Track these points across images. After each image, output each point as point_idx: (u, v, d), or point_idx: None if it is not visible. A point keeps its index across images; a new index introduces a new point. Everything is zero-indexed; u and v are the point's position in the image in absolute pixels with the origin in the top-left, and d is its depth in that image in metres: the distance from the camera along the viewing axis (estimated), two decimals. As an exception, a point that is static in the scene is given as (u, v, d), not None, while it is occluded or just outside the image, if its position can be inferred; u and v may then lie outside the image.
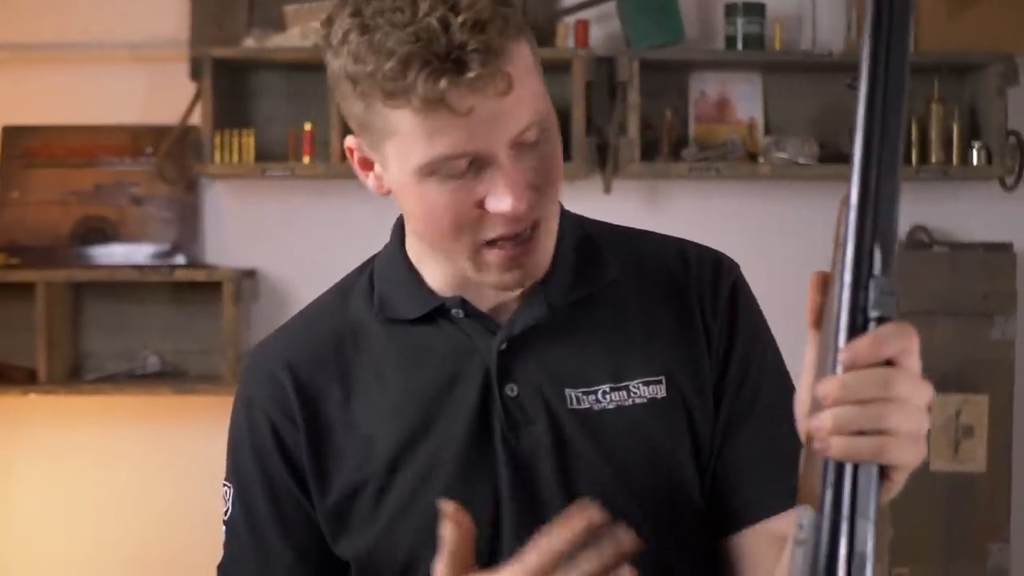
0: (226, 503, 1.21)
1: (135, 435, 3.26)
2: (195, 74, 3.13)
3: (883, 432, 0.76)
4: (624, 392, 1.15)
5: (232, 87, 3.20)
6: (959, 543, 3.10)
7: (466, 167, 1.03)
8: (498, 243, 1.07)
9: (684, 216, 3.26)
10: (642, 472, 1.14)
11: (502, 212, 1.03)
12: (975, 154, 3.16)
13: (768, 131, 3.23)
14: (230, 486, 1.20)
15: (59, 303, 3.16)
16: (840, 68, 3.19)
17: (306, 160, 3.13)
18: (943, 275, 3.09)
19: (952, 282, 3.09)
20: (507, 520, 1.12)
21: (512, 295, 1.15)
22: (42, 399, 3.18)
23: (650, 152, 3.14)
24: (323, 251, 3.19)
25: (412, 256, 1.19)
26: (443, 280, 1.16)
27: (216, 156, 3.10)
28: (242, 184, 3.27)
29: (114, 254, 3.24)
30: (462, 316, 1.15)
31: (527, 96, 1.03)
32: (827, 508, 0.76)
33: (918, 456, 0.78)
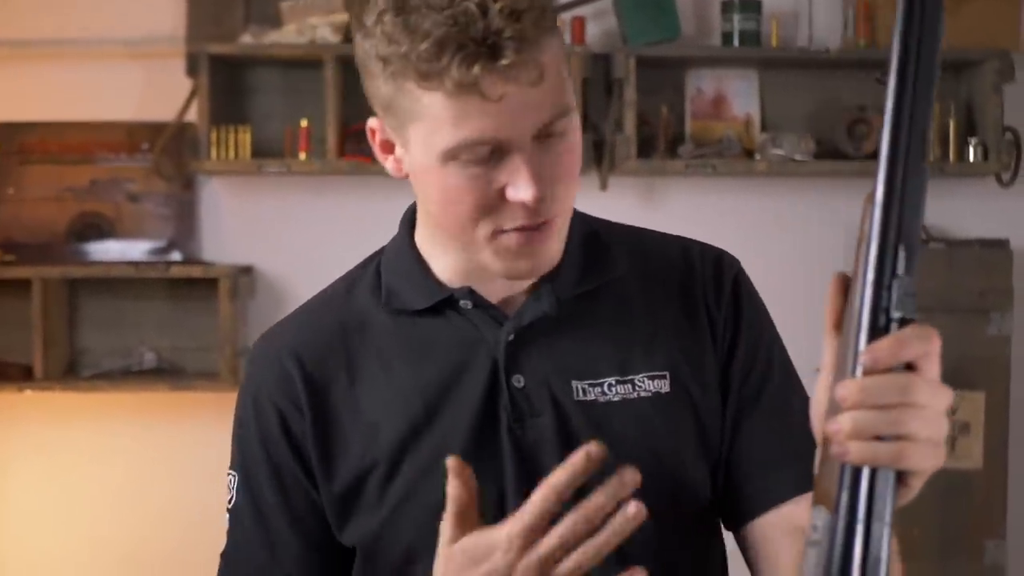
0: (230, 491, 1.20)
1: (132, 432, 3.26)
2: (191, 70, 3.13)
3: (902, 438, 0.75)
4: (629, 385, 1.15)
5: (228, 83, 3.19)
6: (955, 540, 3.10)
7: (488, 154, 1.03)
8: (514, 231, 1.07)
9: (680, 213, 3.26)
10: (645, 466, 1.13)
11: (521, 201, 1.04)
12: (971, 150, 3.16)
13: (764, 128, 3.23)
14: (235, 474, 1.20)
15: (55, 300, 3.15)
16: (836, 65, 3.19)
17: (302, 157, 3.12)
18: (939, 271, 3.09)
19: (948, 278, 3.09)
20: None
21: (520, 288, 1.16)
22: (38, 396, 3.17)
23: (646, 149, 3.14)
24: (320, 247, 3.19)
25: (421, 247, 1.19)
26: (452, 271, 1.17)
27: (212, 152, 3.09)
28: (238, 180, 3.27)
29: (110, 251, 3.23)
30: (470, 307, 1.16)
31: (556, 88, 1.04)
32: (842, 511, 0.76)
33: (937, 462, 0.78)
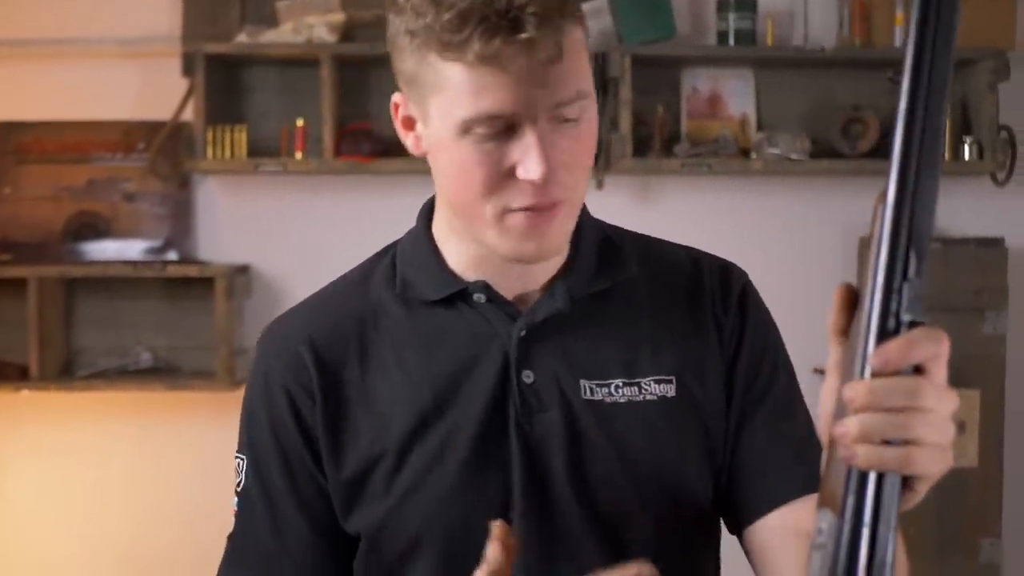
0: (239, 475, 1.21)
1: (128, 431, 3.26)
2: (188, 70, 3.13)
3: (909, 442, 0.75)
4: (636, 388, 1.16)
5: (225, 83, 3.19)
6: (951, 538, 3.11)
7: (503, 130, 1.05)
8: (521, 211, 1.08)
9: (676, 212, 3.26)
10: (648, 468, 1.15)
11: (531, 180, 1.05)
12: (966, 149, 3.17)
13: (760, 127, 3.24)
14: (243, 458, 1.21)
15: (51, 299, 3.15)
16: (832, 64, 3.20)
17: (299, 156, 3.13)
18: (935, 270, 3.09)
19: (944, 277, 3.09)
20: (517, 504, 1.13)
21: (535, 286, 1.17)
22: (34, 396, 3.17)
23: (642, 148, 3.15)
24: (316, 246, 3.19)
25: (437, 238, 1.20)
26: (467, 262, 1.18)
27: (209, 152, 3.10)
28: (235, 180, 3.27)
29: (107, 250, 3.23)
30: (484, 301, 1.17)
31: (575, 71, 1.06)
32: (848, 514, 0.75)
33: (943, 467, 0.77)
